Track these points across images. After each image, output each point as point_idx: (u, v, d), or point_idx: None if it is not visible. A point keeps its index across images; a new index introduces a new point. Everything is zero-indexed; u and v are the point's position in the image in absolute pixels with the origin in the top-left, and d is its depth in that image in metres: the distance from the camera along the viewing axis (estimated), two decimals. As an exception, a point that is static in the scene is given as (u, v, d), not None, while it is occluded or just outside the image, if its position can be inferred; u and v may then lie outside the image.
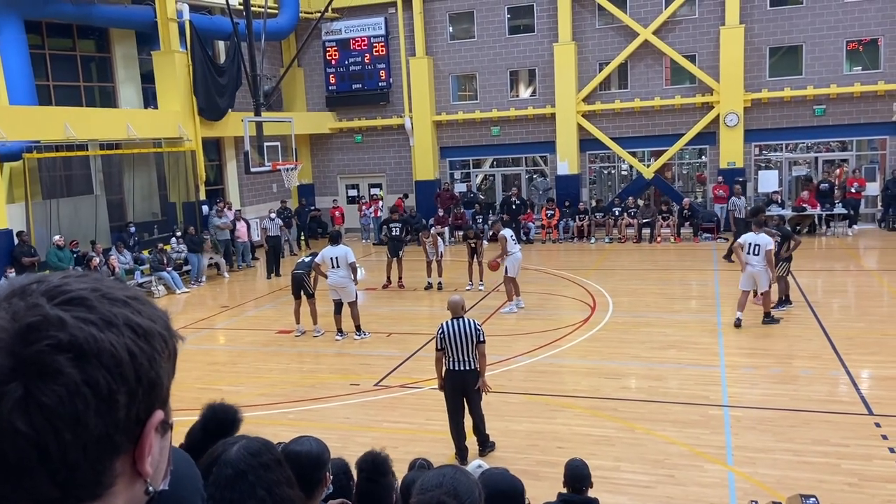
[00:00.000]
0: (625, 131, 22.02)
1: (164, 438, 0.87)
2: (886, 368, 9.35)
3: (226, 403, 2.71)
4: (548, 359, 10.37)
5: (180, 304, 15.92)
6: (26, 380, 0.73)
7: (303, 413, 8.80)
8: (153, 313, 0.85)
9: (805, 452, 6.94)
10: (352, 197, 25.17)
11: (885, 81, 19.76)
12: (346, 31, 24.00)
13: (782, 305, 12.15)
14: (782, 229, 12.32)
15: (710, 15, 20.87)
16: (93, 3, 17.34)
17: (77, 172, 17.33)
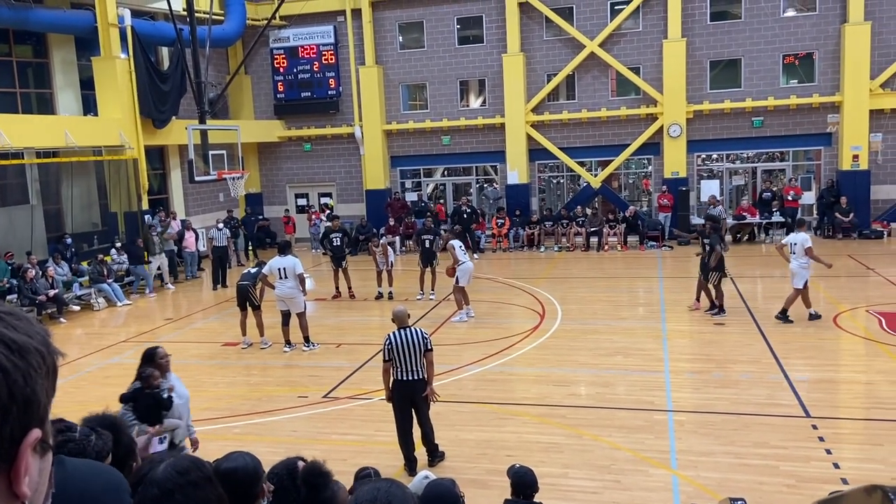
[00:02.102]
0: (573, 141, 22.36)
1: (44, 459, 0.82)
2: (822, 372, 9.67)
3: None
4: (498, 367, 10.40)
5: (122, 316, 15.46)
6: None
7: (249, 427, 8.62)
8: (29, 329, 0.81)
9: (745, 455, 7.10)
10: (301, 206, 24.90)
11: (819, 94, 20.55)
12: (295, 38, 23.79)
13: (714, 311, 12.45)
14: (712, 237, 12.58)
15: (654, 28, 21.40)
16: (30, 7, 16.79)
17: (12, 181, 16.72)
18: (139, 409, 5.83)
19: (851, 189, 20.08)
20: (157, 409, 5.82)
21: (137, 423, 5.80)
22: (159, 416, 5.86)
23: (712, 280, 12.41)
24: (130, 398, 5.86)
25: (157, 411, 5.84)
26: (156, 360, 6.16)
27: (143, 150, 18.80)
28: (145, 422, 5.79)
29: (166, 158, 21.46)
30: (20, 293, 14.50)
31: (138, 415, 5.81)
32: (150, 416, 5.81)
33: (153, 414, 5.83)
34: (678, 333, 11.72)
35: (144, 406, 5.83)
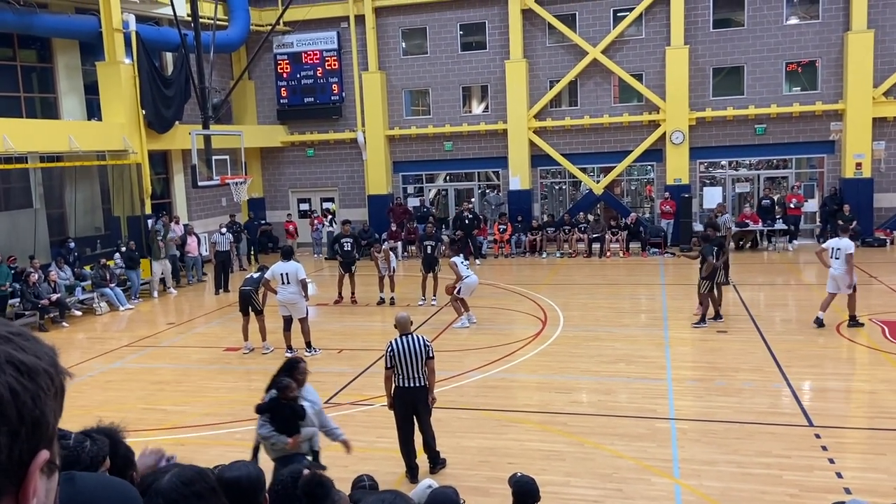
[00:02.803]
0: (575, 148, 22.37)
1: (51, 479, 0.82)
2: (826, 380, 9.65)
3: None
4: (499, 374, 10.39)
5: (124, 321, 15.47)
6: None
7: (250, 433, 8.56)
8: (38, 349, 0.81)
9: (748, 464, 7.08)
10: (303, 211, 24.93)
11: (822, 102, 20.56)
12: (298, 44, 23.85)
13: (703, 322, 12.38)
14: (703, 249, 12.51)
15: (657, 35, 21.43)
16: (35, 12, 16.86)
17: (15, 185, 16.76)
18: (276, 419, 5.74)
19: (854, 197, 20.06)
20: (294, 419, 5.73)
21: (276, 434, 5.70)
22: (296, 426, 5.75)
23: (703, 288, 12.35)
24: (267, 409, 5.76)
25: (294, 422, 5.74)
26: (296, 371, 6.07)
27: (147, 154, 18.83)
28: (283, 432, 5.70)
29: (170, 163, 21.50)
30: (23, 297, 14.52)
31: (276, 426, 5.71)
32: (287, 427, 5.72)
33: (290, 425, 5.73)
34: (680, 341, 11.70)
35: (281, 417, 5.72)
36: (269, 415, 5.73)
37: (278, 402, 5.74)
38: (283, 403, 5.73)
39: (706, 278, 12.28)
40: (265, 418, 5.73)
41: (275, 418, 5.73)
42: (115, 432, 2.36)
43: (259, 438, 5.90)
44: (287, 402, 5.73)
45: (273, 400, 5.77)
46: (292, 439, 5.71)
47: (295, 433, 5.74)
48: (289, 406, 5.73)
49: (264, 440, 5.78)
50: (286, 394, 5.75)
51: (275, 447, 5.77)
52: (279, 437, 5.71)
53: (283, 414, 5.73)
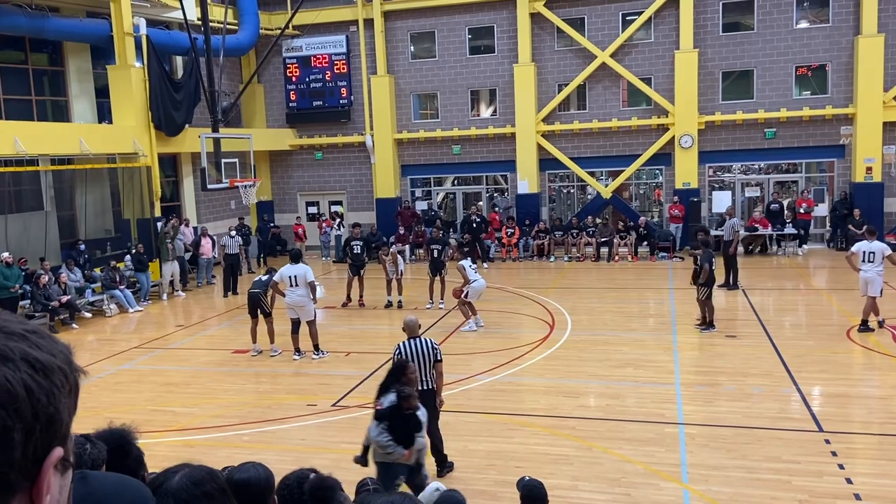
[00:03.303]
0: (583, 151, 22.35)
1: (65, 477, 0.83)
2: (835, 386, 9.59)
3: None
4: (507, 377, 10.37)
5: (133, 322, 15.54)
6: None
7: (258, 435, 8.64)
8: (53, 347, 0.82)
9: (758, 470, 7.04)
10: (312, 214, 25.00)
11: (832, 106, 20.47)
12: (307, 48, 23.94)
13: (707, 328, 12.29)
14: (706, 255, 12.34)
15: (666, 39, 21.40)
16: (46, 16, 16.99)
17: (27, 188, 16.88)
18: (394, 428, 5.60)
19: (865, 201, 19.94)
20: (411, 430, 5.62)
21: (393, 444, 5.57)
22: (412, 437, 5.60)
23: (701, 295, 12.25)
24: (387, 416, 5.60)
25: (411, 432, 5.63)
26: (406, 374, 5.96)
27: (157, 157, 18.94)
28: (401, 443, 5.59)
29: (179, 166, 21.61)
30: (33, 299, 14.61)
31: (394, 435, 5.59)
32: (406, 438, 5.60)
33: (407, 435, 5.60)
34: (689, 345, 11.66)
35: (401, 427, 5.60)
36: (388, 422, 5.56)
37: (398, 411, 5.58)
38: (406, 414, 5.59)
39: (704, 285, 12.17)
40: (384, 425, 5.58)
41: (393, 427, 5.58)
42: (128, 433, 2.38)
43: (371, 440, 5.78)
44: (409, 411, 5.58)
45: (393, 408, 5.62)
46: (408, 451, 5.58)
47: (410, 444, 5.62)
48: (410, 417, 5.58)
49: (381, 448, 5.66)
50: (409, 403, 5.60)
51: (390, 455, 5.63)
52: (397, 448, 5.60)
53: (401, 423, 5.59)
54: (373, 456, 5.91)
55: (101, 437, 2.36)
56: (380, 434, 5.66)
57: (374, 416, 5.77)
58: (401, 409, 5.64)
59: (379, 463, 5.80)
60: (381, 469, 5.76)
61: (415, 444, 5.69)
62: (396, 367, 6.14)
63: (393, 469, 5.66)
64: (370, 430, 5.85)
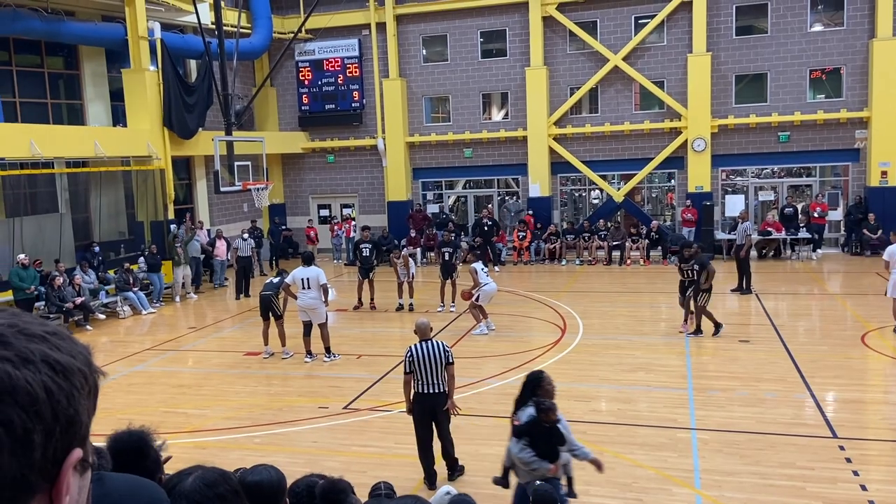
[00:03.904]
0: (595, 155, 22.30)
1: (84, 477, 0.84)
2: (850, 391, 9.50)
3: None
4: (518, 381, 10.32)
5: (146, 324, 15.64)
6: None
7: (270, 437, 8.66)
8: (73, 349, 0.82)
9: (771, 476, 6.99)
10: (323, 217, 25.08)
11: (847, 109, 20.31)
12: (320, 51, 24.04)
13: (696, 334, 12.13)
14: (699, 258, 12.25)
15: (678, 42, 21.32)
16: (62, 19, 17.16)
17: (42, 190, 17.03)
18: (536, 443, 5.35)
19: (880, 206, 19.77)
20: (554, 443, 5.39)
21: (537, 460, 5.34)
22: (556, 451, 5.38)
23: (702, 301, 12.03)
24: (527, 432, 5.37)
25: (554, 446, 5.38)
26: (543, 385, 5.68)
27: (170, 160, 19.07)
28: (545, 458, 5.35)
29: (192, 169, 21.74)
30: (48, 300, 14.73)
31: (537, 451, 5.35)
32: (548, 452, 5.36)
33: (551, 449, 5.36)
34: (702, 350, 11.59)
35: (544, 442, 5.35)
36: (529, 438, 5.35)
37: (538, 425, 5.36)
38: (547, 427, 5.35)
39: (706, 290, 12.00)
40: (525, 441, 5.36)
41: (534, 442, 5.34)
42: (147, 435, 2.39)
43: (512, 460, 5.55)
44: (549, 425, 5.36)
45: (532, 422, 5.38)
46: (554, 466, 5.36)
47: (555, 458, 5.38)
48: (550, 429, 5.37)
49: (525, 465, 5.42)
50: (548, 416, 5.34)
51: (535, 472, 5.39)
52: (541, 464, 5.33)
53: (542, 437, 5.36)
54: (518, 476, 5.61)
55: (119, 438, 2.38)
56: (522, 450, 5.38)
57: (513, 433, 5.50)
58: (541, 422, 5.37)
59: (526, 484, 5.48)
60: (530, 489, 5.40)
61: (560, 458, 5.44)
62: (532, 378, 5.78)
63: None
64: (510, 449, 5.56)
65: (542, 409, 5.34)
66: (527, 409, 5.54)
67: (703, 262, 12.11)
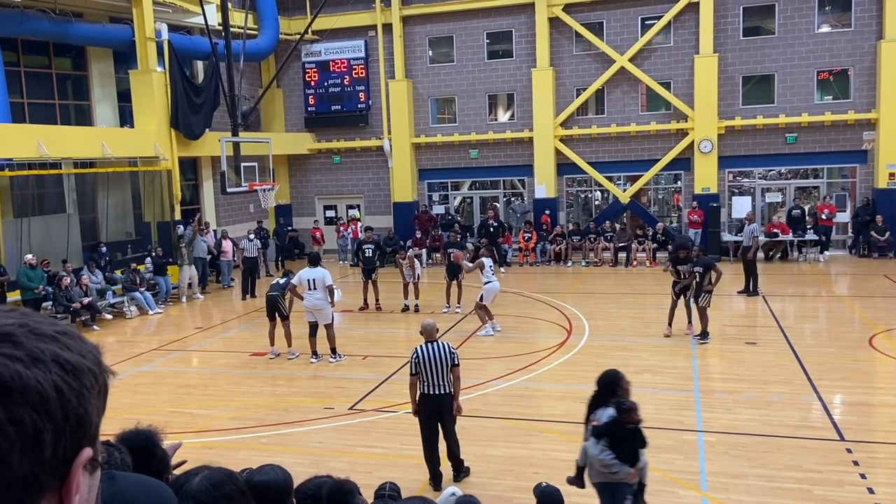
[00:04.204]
0: (601, 156, 22.26)
1: (93, 476, 0.84)
2: (857, 394, 9.46)
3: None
4: (524, 382, 10.34)
5: (153, 324, 15.69)
6: None
7: (275, 437, 8.67)
8: (83, 348, 0.83)
9: (778, 478, 6.96)
10: (329, 218, 25.11)
11: (855, 111, 20.23)
12: (326, 53, 24.08)
13: (703, 340, 11.97)
14: (703, 260, 12.17)
15: (685, 44, 21.27)
16: (70, 21, 17.24)
17: (50, 191, 17.10)
18: (616, 445, 5.19)
19: (888, 207, 19.68)
20: (635, 446, 5.27)
21: (618, 463, 5.18)
22: (636, 454, 5.25)
23: (703, 302, 11.90)
24: (607, 433, 5.21)
25: (635, 449, 5.25)
26: (622, 385, 5.53)
27: (177, 161, 19.13)
28: (626, 461, 5.20)
29: (199, 170, 21.81)
30: (55, 300, 14.79)
31: (618, 453, 5.20)
32: (628, 455, 5.22)
33: (631, 452, 5.22)
34: (708, 352, 11.56)
35: (625, 444, 5.20)
36: (609, 439, 5.21)
37: (619, 426, 5.21)
38: (629, 429, 5.21)
39: (709, 292, 11.91)
40: (605, 443, 5.21)
41: (615, 444, 5.20)
42: (154, 435, 2.40)
43: (587, 460, 5.44)
44: (631, 426, 5.23)
45: (613, 423, 5.23)
46: (634, 469, 5.22)
47: (635, 461, 5.24)
48: (632, 431, 5.23)
49: (604, 467, 5.27)
50: (631, 417, 5.20)
51: (613, 475, 5.26)
52: (622, 467, 5.18)
53: (624, 439, 5.21)
54: (590, 476, 5.50)
55: (127, 437, 2.38)
56: (602, 452, 5.21)
57: (592, 434, 5.33)
58: (622, 423, 5.23)
59: (600, 484, 5.41)
60: (602, 490, 5.37)
61: (639, 462, 5.30)
62: (610, 378, 5.60)
63: (618, 490, 5.30)
64: (588, 449, 5.41)
65: (624, 410, 5.21)
66: (606, 409, 5.38)
67: (709, 264, 12.05)
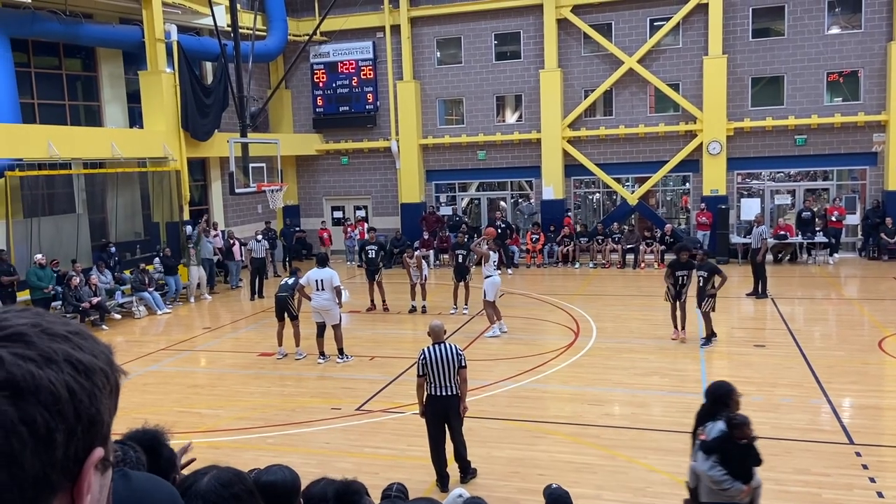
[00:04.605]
0: (609, 157, 22.21)
1: (105, 476, 0.84)
2: (867, 397, 9.40)
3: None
4: (531, 384, 10.33)
5: (161, 324, 15.75)
6: None
7: (283, 438, 8.69)
8: (95, 348, 0.83)
9: (787, 482, 6.92)
10: (337, 219, 25.16)
11: (864, 113, 20.12)
12: (335, 54, 24.13)
13: (706, 343, 11.89)
14: (708, 265, 12.08)
15: (694, 45, 21.21)
16: (80, 22, 17.33)
17: (60, 191, 17.18)
18: (730, 462, 4.93)
19: (898, 210, 19.57)
20: (748, 463, 5.01)
21: (730, 479, 4.93)
22: (750, 471, 5.00)
23: (706, 307, 11.83)
24: (717, 448, 4.97)
25: (748, 466, 5.00)
26: (733, 398, 5.24)
27: (186, 161, 19.21)
28: (738, 478, 4.93)
29: (208, 170, 21.89)
30: (65, 300, 14.87)
31: (729, 469, 4.94)
32: (741, 472, 4.95)
33: (744, 469, 4.97)
34: (716, 354, 11.52)
35: (737, 460, 4.95)
36: (720, 455, 4.96)
37: (731, 442, 4.97)
38: (742, 444, 4.98)
39: (713, 296, 11.81)
40: (715, 459, 4.96)
41: (725, 460, 4.95)
42: (160, 435, 2.41)
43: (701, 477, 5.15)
44: (745, 441, 4.99)
45: (724, 438, 4.99)
46: (747, 487, 4.96)
47: (748, 479, 4.98)
48: (745, 447, 4.99)
49: (715, 485, 5.03)
50: (743, 432, 4.95)
51: (725, 493, 5.02)
52: (734, 483, 4.92)
53: (736, 456, 4.96)
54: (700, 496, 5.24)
55: (134, 437, 2.39)
56: (712, 468, 4.97)
57: (701, 449, 5.08)
58: (734, 438, 4.99)
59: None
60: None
61: (753, 481, 5.04)
62: (721, 390, 5.34)
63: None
64: (698, 466, 5.13)
65: (736, 425, 4.98)
66: (716, 423, 5.14)
67: (714, 269, 11.97)
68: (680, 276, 12.15)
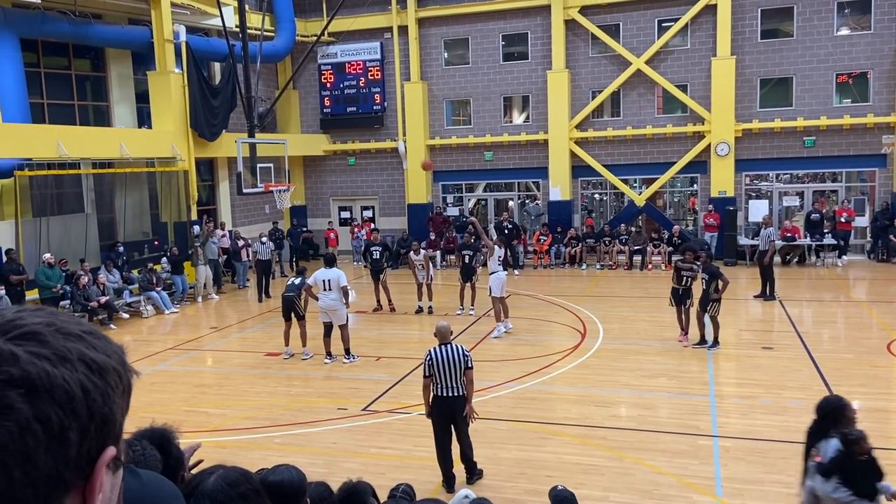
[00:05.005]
0: (617, 159, 22.17)
1: (116, 475, 0.85)
2: (875, 400, 9.35)
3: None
4: (537, 385, 10.31)
5: (169, 324, 15.80)
6: None
7: (289, 437, 8.70)
8: (108, 348, 0.84)
9: (795, 485, 6.86)
10: (344, 219, 25.19)
11: (874, 114, 20.01)
12: (342, 54, 24.17)
13: (712, 347, 11.74)
14: (710, 268, 11.97)
15: (702, 46, 21.14)
16: (90, 22, 17.41)
17: (68, 191, 17.26)
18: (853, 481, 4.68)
19: (907, 212, 19.45)
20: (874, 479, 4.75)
21: (857, 500, 4.67)
22: (874, 488, 4.72)
23: (712, 311, 11.72)
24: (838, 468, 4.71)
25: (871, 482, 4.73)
26: (846, 413, 4.98)
27: (194, 162, 19.27)
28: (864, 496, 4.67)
29: (215, 170, 21.95)
30: (73, 299, 14.94)
31: (854, 489, 4.68)
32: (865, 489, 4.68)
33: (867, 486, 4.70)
34: (724, 356, 11.47)
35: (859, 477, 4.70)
36: (841, 475, 4.71)
37: (850, 460, 4.72)
38: (862, 461, 4.72)
39: (717, 300, 11.70)
40: (837, 479, 4.71)
41: (847, 479, 4.69)
42: (169, 433, 2.42)
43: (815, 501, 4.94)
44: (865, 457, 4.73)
45: (841, 458, 4.74)
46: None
47: (874, 496, 4.71)
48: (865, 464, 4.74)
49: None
50: (861, 448, 4.70)
51: None
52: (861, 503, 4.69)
53: (857, 473, 4.71)
54: None
55: (142, 437, 2.40)
56: (836, 489, 4.71)
57: (818, 472, 4.83)
58: (853, 455, 4.74)
59: None
60: None
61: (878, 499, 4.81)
62: (833, 405, 5.08)
63: None
64: (817, 488, 4.88)
65: (852, 441, 4.74)
66: (829, 441, 4.90)
67: (715, 272, 11.84)
68: (684, 277, 12.10)
